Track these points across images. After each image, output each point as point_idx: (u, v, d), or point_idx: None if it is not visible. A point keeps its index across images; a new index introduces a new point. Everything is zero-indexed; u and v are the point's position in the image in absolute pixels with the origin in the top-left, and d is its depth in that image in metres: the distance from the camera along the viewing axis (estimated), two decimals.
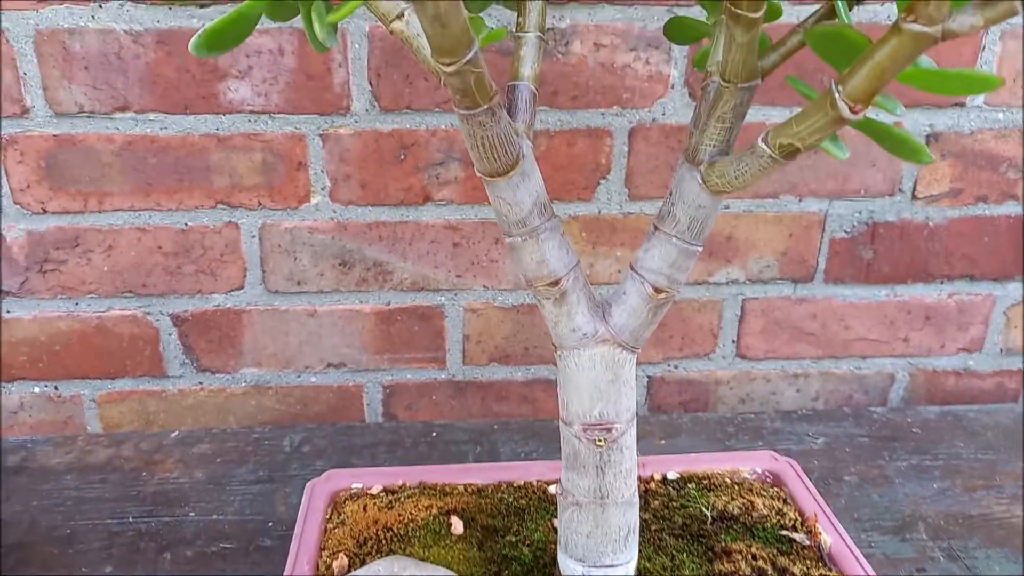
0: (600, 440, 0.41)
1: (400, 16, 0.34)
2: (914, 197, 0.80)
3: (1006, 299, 0.84)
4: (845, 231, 0.81)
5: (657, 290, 0.37)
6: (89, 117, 0.71)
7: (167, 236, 0.76)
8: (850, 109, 0.28)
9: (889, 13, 0.72)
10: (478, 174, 0.35)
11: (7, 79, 0.69)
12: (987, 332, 0.85)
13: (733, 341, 0.84)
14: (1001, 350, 0.86)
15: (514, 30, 0.39)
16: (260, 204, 0.75)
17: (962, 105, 0.76)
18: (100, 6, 0.68)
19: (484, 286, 0.80)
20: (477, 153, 0.34)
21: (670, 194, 0.36)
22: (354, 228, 0.77)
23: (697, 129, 0.36)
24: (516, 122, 0.37)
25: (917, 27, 0.26)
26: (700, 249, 0.37)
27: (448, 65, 0.30)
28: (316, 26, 0.34)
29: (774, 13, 0.38)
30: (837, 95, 0.28)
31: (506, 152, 0.34)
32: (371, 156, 0.74)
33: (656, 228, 0.37)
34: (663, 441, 0.79)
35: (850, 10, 0.33)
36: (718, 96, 0.34)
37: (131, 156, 0.73)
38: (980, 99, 0.76)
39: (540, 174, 0.37)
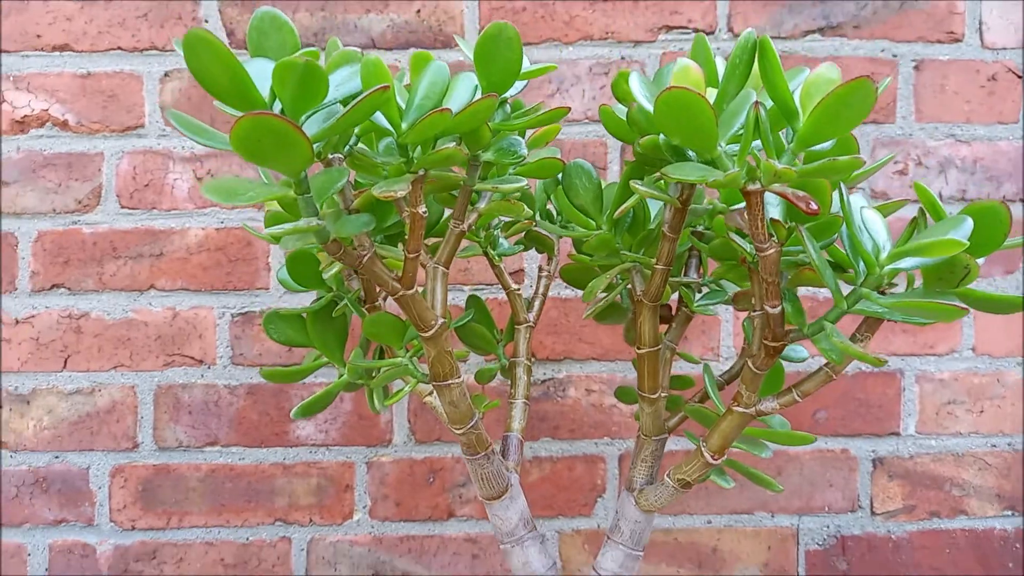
0: None
1: (430, 394, 0.53)
2: (873, 513, 0.91)
3: None
4: (818, 544, 0.91)
5: None
6: (184, 450, 0.89)
7: (230, 550, 0.89)
8: (712, 457, 0.44)
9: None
10: (480, 498, 0.51)
11: (127, 423, 0.89)
12: None
13: None
14: None
15: (508, 398, 0.57)
16: (311, 521, 0.90)
17: (897, 434, 0.92)
18: (209, 367, 0.89)
19: None
20: (479, 484, 0.50)
21: (616, 512, 0.51)
22: (388, 541, 0.90)
23: (632, 468, 0.52)
24: (508, 461, 0.54)
25: (740, 409, 0.43)
26: (641, 554, 0.50)
27: (458, 430, 0.47)
28: (376, 402, 0.52)
29: (686, 383, 0.56)
30: (703, 449, 0.45)
31: (499, 483, 0.50)
32: (406, 480, 0.90)
33: (608, 538, 0.51)
34: None
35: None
36: (640, 445, 0.50)
37: (212, 481, 0.89)
38: (912, 428, 0.92)
39: (524, 497, 0.52)
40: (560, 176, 0.48)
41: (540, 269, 0.61)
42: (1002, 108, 0.91)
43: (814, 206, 0.33)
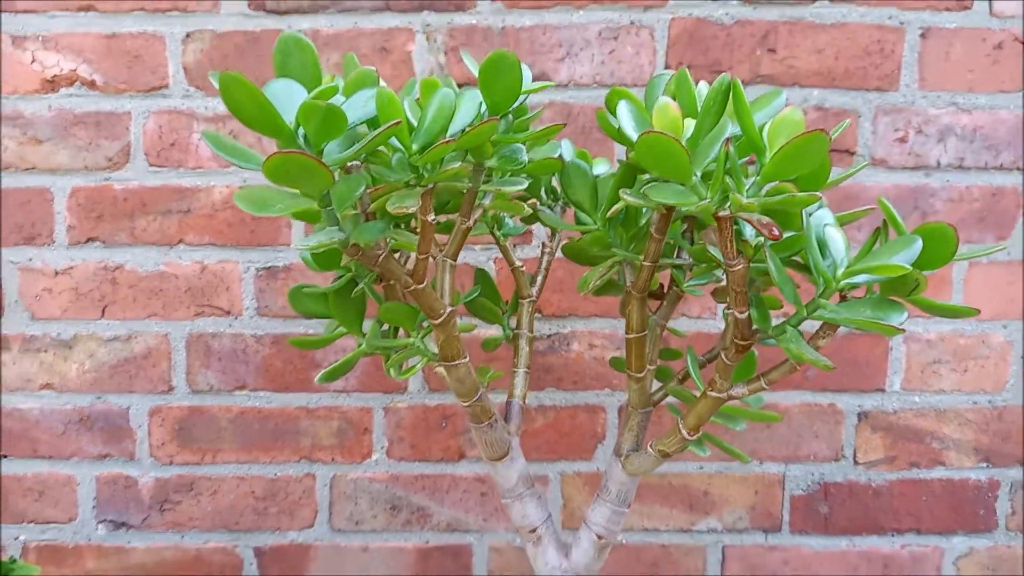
0: None
1: (440, 364, 0.58)
2: (855, 462, 0.98)
3: (953, 551, 0.98)
4: (802, 490, 0.98)
5: (599, 536, 0.57)
6: (216, 394, 0.97)
7: (260, 484, 0.98)
8: (688, 433, 0.50)
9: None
10: (484, 459, 0.57)
11: (162, 368, 0.96)
12: None
13: None
14: None
15: (511, 367, 0.62)
16: (333, 459, 0.97)
17: (883, 390, 0.97)
18: (236, 318, 0.96)
19: (505, 528, 0.98)
20: (483, 447, 0.56)
21: (604, 474, 0.57)
22: (404, 479, 0.98)
23: (621, 435, 0.57)
24: (510, 425, 0.59)
25: (714, 394, 0.48)
26: (627, 511, 0.57)
27: (465, 403, 0.53)
28: (392, 372, 0.58)
29: (675, 355, 0.61)
30: (681, 426, 0.50)
31: (501, 447, 0.56)
32: (420, 424, 0.97)
33: (598, 496, 0.57)
34: None
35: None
36: (629, 415, 0.56)
37: (242, 422, 0.97)
38: (897, 384, 0.97)
39: (524, 458, 0.58)
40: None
41: (543, 246, 0.66)
42: (1005, 77, 0.92)
43: (776, 232, 0.37)
